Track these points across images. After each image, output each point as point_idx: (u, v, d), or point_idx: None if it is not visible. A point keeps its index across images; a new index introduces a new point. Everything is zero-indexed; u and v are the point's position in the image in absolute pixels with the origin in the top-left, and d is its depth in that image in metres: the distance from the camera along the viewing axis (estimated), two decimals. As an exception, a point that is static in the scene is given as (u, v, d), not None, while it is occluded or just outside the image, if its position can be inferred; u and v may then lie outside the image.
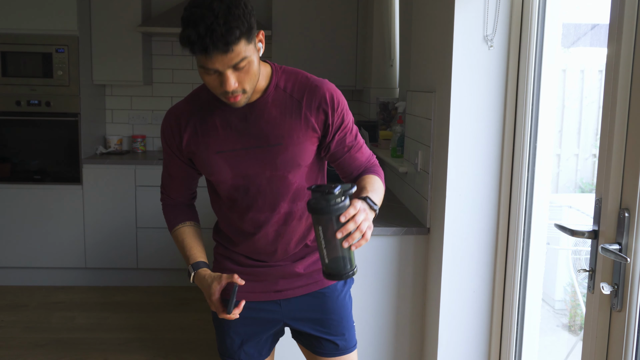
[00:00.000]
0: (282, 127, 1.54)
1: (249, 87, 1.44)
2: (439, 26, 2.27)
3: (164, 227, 4.27)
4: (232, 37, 1.33)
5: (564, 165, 3.46)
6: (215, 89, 1.44)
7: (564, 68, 3.24)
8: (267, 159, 1.56)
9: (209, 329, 3.65)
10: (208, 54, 1.34)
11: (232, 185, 1.60)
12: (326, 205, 1.31)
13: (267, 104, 1.54)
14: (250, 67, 1.41)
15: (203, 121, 1.57)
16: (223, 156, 1.56)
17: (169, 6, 4.55)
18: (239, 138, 1.55)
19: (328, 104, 1.55)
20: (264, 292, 1.71)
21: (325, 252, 1.35)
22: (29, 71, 4.12)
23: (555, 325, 3.45)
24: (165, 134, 1.63)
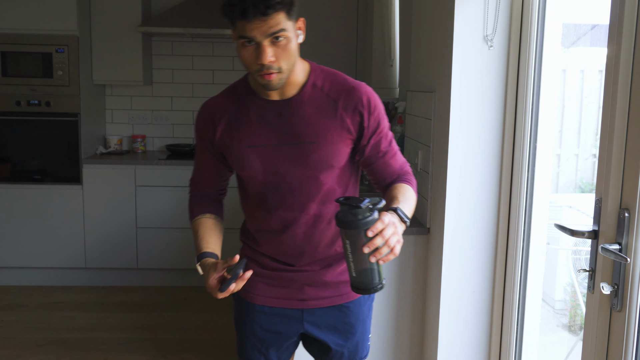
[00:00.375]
0: (317, 126, 1.52)
1: (285, 66, 1.44)
2: (439, 26, 2.27)
3: (164, 227, 4.32)
4: (274, 2, 1.34)
5: (564, 165, 3.46)
6: (251, 64, 1.43)
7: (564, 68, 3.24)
8: (299, 157, 1.53)
9: (209, 329, 3.65)
10: (247, 17, 1.34)
11: (263, 181, 1.58)
12: (354, 219, 1.28)
13: (303, 101, 1.53)
14: (288, 44, 1.42)
15: (238, 114, 1.56)
16: (255, 151, 1.54)
17: (169, 6, 4.55)
18: (273, 133, 1.54)
19: (365, 106, 1.53)
20: (287, 299, 1.67)
21: (352, 265, 1.32)
22: (29, 71, 4.12)
23: (555, 325, 3.44)
24: (199, 127, 1.63)
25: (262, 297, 1.69)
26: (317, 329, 1.69)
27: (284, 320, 1.68)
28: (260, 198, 1.62)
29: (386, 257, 1.30)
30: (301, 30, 1.50)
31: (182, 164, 4.27)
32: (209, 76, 4.74)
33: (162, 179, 4.26)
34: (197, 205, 1.70)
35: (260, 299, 1.69)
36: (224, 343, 3.44)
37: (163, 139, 4.79)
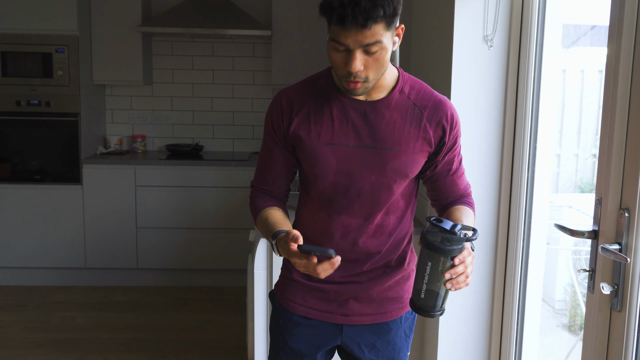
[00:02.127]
0: (401, 133, 1.48)
1: (373, 77, 1.39)
2: (439, 26, 2.27)
3: (164, 227, 4.33)
4: (375, 14, 1.28)
5: (564, 165, 3.46)
6: (338, 68, 1.38)
7: (564, 68, 3.24)
8: (377, 162, 1.48)
9: (209, 329, 3.65)
10: (344, 26, 1.29)
11: (333, 182, 1.51)
12: (447, 245, 1.25)
13: (389, 105, 1.49)
14: (381, 54, 1.36)
15: (318, 108, 1.50)
16: (333, 149, 1.48)
17: (169, 6, 4.55)
18: (354, 134, 1.48)
19: (448, 121, 1.51)
20: (329, 313, 1.62)
21: (424, 287, 1.30)
22: (29, 71, 4.12)
23: (555, 325, 3.45)
24: (272, 115, 1.53)
25: (303, 308, 1.63)
26: (355, 345, 1.64)
27: (323, 332, 1.63)
28: (325, 200, 1.54)
29: (459, 286, 1.30)
30: (398, 37, 1.42)
31: (182, 164, 4.27)
32: (209, 76, 4.74)
33: (162, 179, 4.26)
34: (262, 200, 1.60)
35: (301, 309, 1.63)
36: (224, 343, 3.44)
37: (163, 139, 4.79)
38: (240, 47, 4.71)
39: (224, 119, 4.78)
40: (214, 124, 4.79)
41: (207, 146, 4.76)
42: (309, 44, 4.32)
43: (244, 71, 4.73)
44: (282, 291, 1.68)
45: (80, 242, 4.27)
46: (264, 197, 1.61)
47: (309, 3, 4.34)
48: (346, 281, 1.59)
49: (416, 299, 1.33)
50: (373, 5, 1.27)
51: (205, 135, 4.79)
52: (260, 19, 4.55)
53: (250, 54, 4.72)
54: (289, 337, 1.65)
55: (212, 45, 4.70)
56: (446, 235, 1.26)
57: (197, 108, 4.77)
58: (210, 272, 4.40)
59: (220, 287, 4.36)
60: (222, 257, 4.34)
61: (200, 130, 4.79)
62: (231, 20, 4.26)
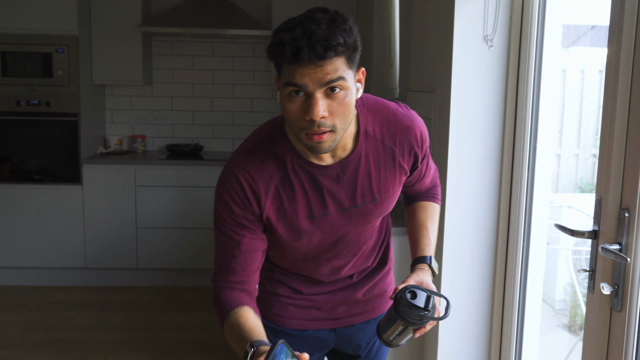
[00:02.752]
0: (378, 183, 1.38)
1: (340, 125, 1.20)
2: (439, 26, 2.27)
3: (164, 227, 4.33)
4: (334, 42, 1.12)
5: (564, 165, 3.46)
6: (297, 120, 1.18)
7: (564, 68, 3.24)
8: (361, 216, 1.40)
9: (209, 329, 3.65)
10: (300, 60, 1.11)
11: (319, 245, 1.43)
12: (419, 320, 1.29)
13: (360, 158, 1.34)
14: (346, 97, 1.18)
15: (286, 184, 1.32)
16: (315, 222, 1.37)
17: (169, 6, 4.55)
18: (332, 201, 1.35)
19: (419, 145, 1.41)
20: (320, 320, 1.59)
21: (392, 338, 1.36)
22: (29, 71, 4.12)
23: (555, 325, 3.45)
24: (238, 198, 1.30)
25: (294, 321, 1.58)
26: (348, 345, 1.65)
27: (316, 341, 1.62)
28: (310, 257, 1.47)
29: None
30: (360, 83, 1.25)
31: (182, 164, 4.27)
32: (209, 76, 4.74)
33: (162, 179, 4.26)
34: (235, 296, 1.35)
35: (292, 322, 1.58)
36: (224, 343, 3.44)
37: (163, 139, 4.79)
38: (240, 47, 4.71)
39: (224, 119, 4.78)
40: (214, 124, 4.79)
41: (207, 146, 4.76)
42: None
43: (244, 71, 4.73)
44: (267, 308, 1.59)
45: (80, 242, 4.27)
46: (232, 292, 1.36)
47: (309, 3, 4.34)
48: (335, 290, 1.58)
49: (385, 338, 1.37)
50: (330, 34, 1.12)
51: (205, 135, 4.79)
52: (260, 19, 4.55)
53: (250, 54, 4.72)
54: None
55: (212, 45, 4.70)
56: (421, 313, 1.29)
57: (197, 108, 4.77)
58: (210, 272, 4.38)
59: (220, 287, 4.36)
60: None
61: (200, 130, 4.79)
62: (231, 20, 4.26)
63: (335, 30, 1.13)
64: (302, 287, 1.55)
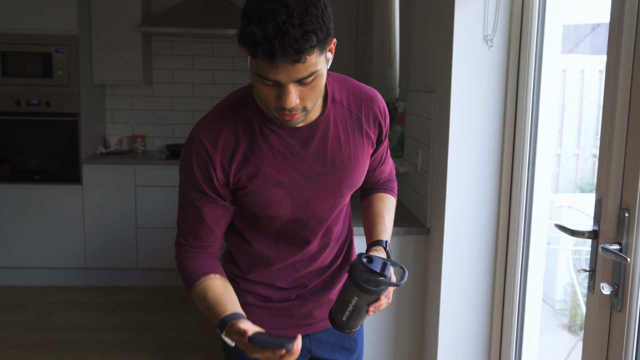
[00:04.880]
0: (348, 148, 1.36)
1: (311, 105, 1.22)
2: (439, 26, 2.27)
3: (164, 227, 4.32)
4: (308, 44, 1.09)
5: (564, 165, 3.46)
6: (268, 103, 1.19)
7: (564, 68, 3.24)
8: (332, 186, 1.37)
9: (209, 329, 3.65)
10: (274, 61, 1.10)
11: (290, 219, 1.38)
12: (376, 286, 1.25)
13: (329, 122, 1.34)
14: (317, 82, 1.18)
15: (255, 147, 1.29)
16: (284, 187, 1.32)
17: (169, 6, 4.55)
18: (301, 165, 1.32)
19: (382, 116, 1.41)
20: (294, 327, 1.53)
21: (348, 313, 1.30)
22: (29, 71, 4.12)
23: (555, 325, 3.45)
24: (201, 166, 1.29)
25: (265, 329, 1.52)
26: (324, 350, 1.60)
27: None
28: (281, 235, 1.42)
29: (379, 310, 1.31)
30: (331, 52, 1.23)
31: (182, 164, 4.26)
32: (209, 76, 4.74)
33: (162, 179, 4.26)
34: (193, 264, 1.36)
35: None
36: (223, 343, 3.44)
37: (163, 139, 4.79)
38: (240, 47, 4.70)
39: (224, 119, 4.78)
40: (214, 124, 4.79)
41: (207, 146, 4.76)
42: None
43: (244, 71, 4.73)
44: None
45: (80, 242, 4.27)
46: (196, 260, 1.37)
47: None
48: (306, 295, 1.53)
49: (338, 320, 1.32)
50: (304, 33, 1.09)
51: (205, 135, 4.78)
52: (260, 19, 4.55)
53: (250, 54, 4.72)
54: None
55: (212, 45, 4.70)
56: (376, 278, 1.24)
57: (197, 108, 4.77)
58: (210, 272, 4.39)
59: (220, 287, 4.36)
60: (221, 257, 4.33)
61: (200, 130, 4.78)
62: (231, 20, 4.26)
63: (309, 26, 1.09)
64: (271, 293, 1.50)
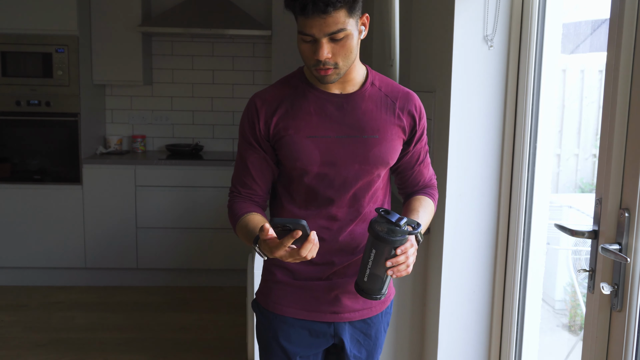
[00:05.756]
0: (378, 121, 1.54)
1: (342, 63, 1.43)
2: (439, 26, 2.27)
3: (164, 227, 4.32)
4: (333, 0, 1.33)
5: (564, 165, 3.46)
6: (308, 59, 1.43)
7: (564, 68, 3.24)
8: (359, 150, 1.53)
9: (209, 329, 3.65)
10: (306, 15, 1.35)
11: (317, 174, 1.53)
12: (390, 235, 1.35)
13: (364, 96, 1.55)
14: (347, 41, 1.41)
15: (295, 104, 1.53)
16: (315, 141, 1.51)
17: (169, 6, 4.55)
18: (333, 125, 1.52)
19: (417, 111, 1.59)
20: (318, 312, 1.60)
21: (367, 271, 1.41)
22: (29, 71, 4.12)
23: (555, 325, 3.45)
24: (248, 118, 1.54)
25: (291, 309, 1.61)
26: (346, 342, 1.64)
27: (313, 333, 1.62)
28: (310, 194, 1.55)
29: (400, 274, 1.41)
30: (365, 26, 1.46)
31: (182, 164, 4.27)
32: (209, 76, 4.74)
33: (162, 179, 4.26)
34: (241, 206, 1.57)
35: (289, 311, 1.61)
36: (224, 343, 3.44)
37: (163, 139, 4.79)
38: (240, 47, 4.71)
39: (224, 119, 4.78)
40: (214, 124, 4.79)
41: (207, 146, 4.76)
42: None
43: (244, 71, 4.73)
44: (266, 296, 1.65)
45: (80, 242, 4.27)
46: (243, 203, 1.59)
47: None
48: (333, 277, 1.60)
49: (360, 282, 1.43)
50: None
51: (205, 135, 4.79)
52: (260, 19, 4.55)
53: (250, 54, 4.72)
54: (280, 341, 1.61)
55: (212, 45, 4.70)
56: (391, 227, 1.35)
57: (197, 108, 4.77)
58: (210, 272, 4.40)
59: (220, 287, 4.36)
60: (222, 257, 4.34)
61: (200, 130, 4.79)
62: (231, 20, 4.26)
63: None
64: (300, 267, 1.59)
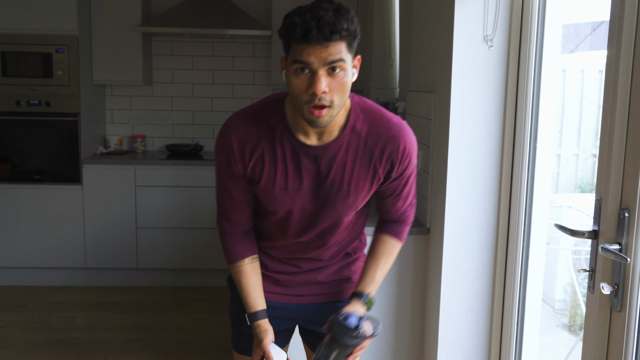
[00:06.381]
0: (350, 175, 1.51)
1: (337, 101, 1.37)
2: (439, 26, 2.27)
3: (164, 227, 4.32)
4: (339, 27, 1.29)
5: (564, 165, 3.46)
6: (300, 94, 1.35)
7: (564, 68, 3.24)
8: (328, 201, 1.53)
9: (209, 329, 3.65)
10: (308, 41, 1.29)
11: (289, 215, 1.58)
12: (352, 342, 1.53)
13: (340, 148, 1.49)
14: (344, 77, 1.35)
15: (272, 151, 1.48)
16: (288, 192, 1.52)
17: (169, 6, 4.55)
18: (306, 177, 1.50)
19: (399, 156, 1.51)
20: (284, 295, 1.73)
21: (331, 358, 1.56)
22: (29, 71, 4.12)
23: (555, 325, 3.45)
24: (225, 155, 1.51)
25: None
26: (311, 323, 1.76)
27: (280, 312, 1.73)
28: (280, 224, 1.61)
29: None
30: (356, 68, 1.41)
31: (182, 164, 4.27)
32: (209, 76, 4.74)
33: (162, 179, 4.26)
34: (235, 244, 1.64)
35: None
36: (224, 343, 3.44)
37: (163, 139, 4.79)
38: (240, 47, 4.71)
39: (224, 119, 4.74)
40: (214, 124, 4.79)
41: (207, 146, 4.76)
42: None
43: (244, 71, 4.73)
44: None
45: (80, 242, 4.27)
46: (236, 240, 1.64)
47: (309, 3, 4.34)
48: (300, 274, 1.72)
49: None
50: (336, 20, 1.30)
51: (205, 135, 4.79)
52: (260, 19, 4.55)
53: (250, 54, 4.72)
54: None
55: (212, 45, 4.70)
56: (352, 332, 1.52)
57: (197, 108, 4.77)
58: (210, 272, 4.40)
59: (220, 287, 4.36)
60: (222, 257, 4.31)
61: (200, 130, 4.79)
62: (231, 20, 4.26)
63: (340, 18, 1.30)
64: (268, 262, 1.71)
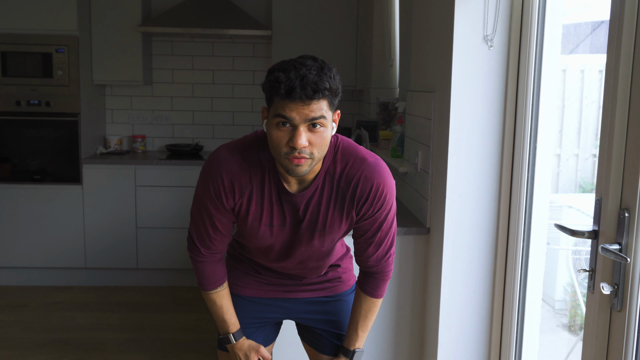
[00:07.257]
0: (325, 217, 1.57)
1: (317, 154, 1.42)
2: (439, 26, 2.27)
3: (164, 227, 4.33)
4: (322, 86, 1.34)
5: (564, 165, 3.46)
6: (279, 147, 1.40)
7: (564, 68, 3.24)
8: (305, 238, 1.61)
9: (209, 329, 3.65)
10: (292, 98, 1.33)
11: (270, 248, 1.66)
12: None
13: (316, 191, 1.55)
14: (324, 133, 1.41)
15: (261, 191, 1.55)
16: (271, 229, 1.60)
17: (169, 6, 4.55)
18: (288, 216, 1.58)
19: (370, 197, 1.54)
20: (274, 291, 1.82)
21: None
22: (29, 71, 4.12)
23: (555, 325, 3.45)
24: (217, 190, 1.54)
25: (250, 290, 1.81)
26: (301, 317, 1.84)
27: (271, 308, 1.82)
28: (262, 251, 1.70)
29: None
30: (335, 123, 1.48)
31: (182, 164, 4.27)
32: (209, 76, 4.74)
33: (162, 179, 4.26)
34: (214, 272, 1.70)
35: (249, 292, 1.82)
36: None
37: (163, 139, 4.79)
38: (240, 47, 4.71)
39: (224, 119, 4.78)
40: (214, 124, 4.79)
41: (207, 146, 4.76)
42: (309, 44, 4.32)
43: (244, 71, 4.73)
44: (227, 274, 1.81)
45: (80, 242, 4.27)
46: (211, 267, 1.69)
47: (309, 3, 4.34)
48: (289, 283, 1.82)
49: None
50: (319, 79, 1.35)
51: (205, 135, 4.79)
52: (260, 19, 4.55)
53: (250, 54, 4.72)
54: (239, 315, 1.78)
55: (212, 45, 4.70)
56: None
57: (197, 108, 4.77)
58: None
59: (220, 287, 4.36)
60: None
61: (200, 130, 4.79)
62: (231, 20, 4.26)
63: (323, 77, 1.35)
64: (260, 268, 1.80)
